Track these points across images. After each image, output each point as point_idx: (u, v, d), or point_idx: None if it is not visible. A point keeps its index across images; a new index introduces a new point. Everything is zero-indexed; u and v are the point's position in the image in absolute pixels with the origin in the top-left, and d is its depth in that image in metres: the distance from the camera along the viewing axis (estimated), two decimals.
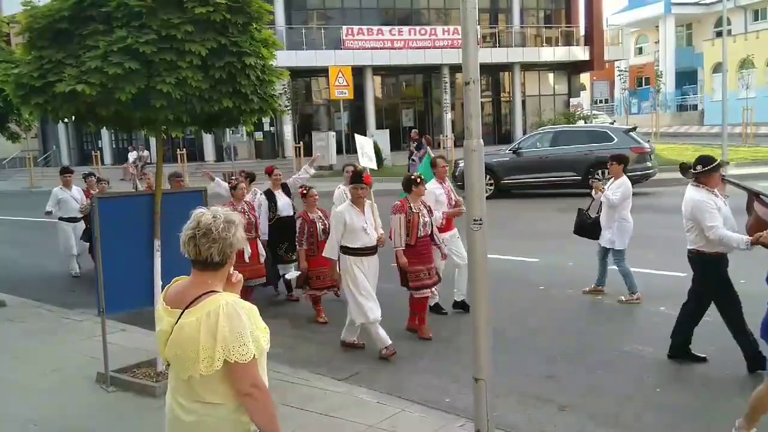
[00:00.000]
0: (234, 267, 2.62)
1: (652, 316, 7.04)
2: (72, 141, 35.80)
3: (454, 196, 7.45)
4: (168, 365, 2.63)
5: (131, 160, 29.05)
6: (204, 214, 2.49)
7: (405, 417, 4.84)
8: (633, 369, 5.73)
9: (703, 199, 5.32)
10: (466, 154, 3.75)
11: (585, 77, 39.87)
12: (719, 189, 5.47)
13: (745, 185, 5.32)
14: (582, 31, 34.77)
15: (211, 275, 2.50)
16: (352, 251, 6.26)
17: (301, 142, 25.71)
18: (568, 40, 34.58)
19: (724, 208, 5.38)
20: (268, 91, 5.56)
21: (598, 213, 7.87)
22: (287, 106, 24.38)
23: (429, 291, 6.72)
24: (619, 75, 39.69)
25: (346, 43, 29.10)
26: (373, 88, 30.95)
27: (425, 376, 5.80)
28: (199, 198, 5.75)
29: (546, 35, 34.90)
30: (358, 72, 27.87)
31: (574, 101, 35.06)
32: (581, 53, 33.96)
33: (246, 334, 2.39)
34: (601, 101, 42.57)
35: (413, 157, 20.14)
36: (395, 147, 28.91)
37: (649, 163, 16.50)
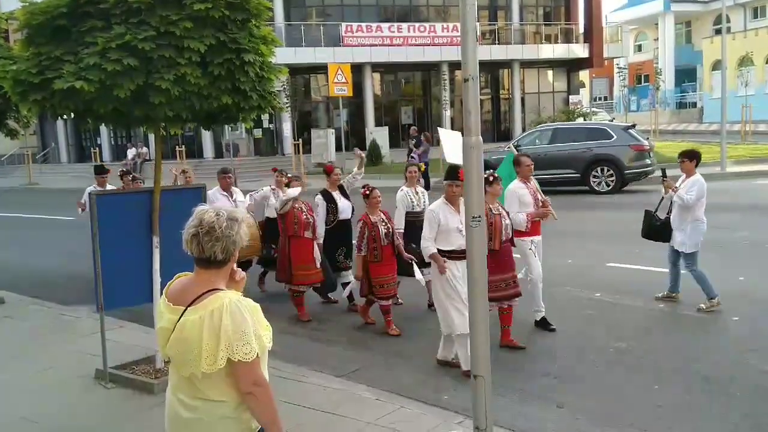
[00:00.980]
0: (291, 269, 2.60)
1: (653, 312, 7.05)
2: (70, 138, 35.76)
3: (541, 196, 6.78)
4: (168, 362, 2.63)
5: (130, 157, 29.03)
6: (206, 212, 2.47)
7: (404, 414, 4.84)
8: (633, 367, 5.73)
9: None
10: (465, 151, 3.74)
11: (584, 74, 39.90)
12: None
13: None
14: (581, 29, 34.77)
15: (214, 273, 2.50)
16: (446, 254, 5.73)
17: (300, 139, 25.70)
18: (568, 37, 34.58)
19: None
20: (267, 88, 5.54)
21: (668, 214, 7.39)
22: (286, 103, 24.36)
23: (510, 302, 6.23)
24: (619, 72, 39.64)
25: (345, 40, 29.07)
26: (372, 85, 30.93)
27: (424, 373, 5.81)
28: (198, 195, 5.74)
29: (545, 32, 34.88)
30: (357, 69, 27.84)
31: (573, 98, 35.03)
32: (580, 50, 33.96)
33: (249, 332, 2.39)
34: (600, 98, 42.54)
35: (413, 154, 20.12)
36: (394, 144, 28.91)
37: (648, 161, 16.51)
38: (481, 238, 3.82)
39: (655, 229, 7.47)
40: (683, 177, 7.29)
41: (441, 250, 5.72)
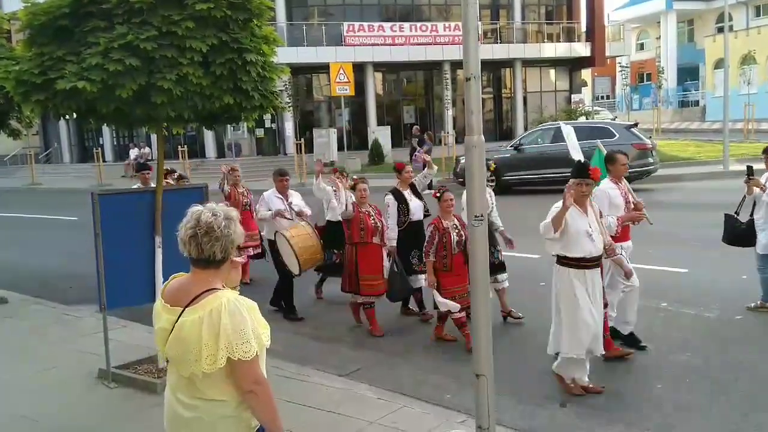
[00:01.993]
0: (358, 279, 2.59)
1: (657, 312, 7.04)
2: (73, 138, 35.81)
3: (633, 198, 6.07)
4: (167, 362, 2.64)
5: (132, 157, 29.03)
6: (203, 212, 2.47)
7: (406, 413, 4.84)
8: (633, 366, 5.72)
9: None
10: (467, 150, 3.74)
11: (586, 73, 39.77)
12: None
13: None
14: (583, 27, 34.73)
15: (212, 273, 2.50)
16: (572, 262, 5.05)
17: (302, 139, 25.72)
18: (570, 36, 34.54)
19: None
20: (269, 88, 5.55)
21: (751, 216, 6.85)
22: (288, 103, 24.35)
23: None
24: (621, 71, 39.55)
25: (347, 39, 29.06)
26: (374, 84, 30.91)
27: (426, 373, 5.80)
28: (199, 195, 5.75)
29: (547, 31, 34.84)
30: (359, 68, 27.85)
31: (575, 97, 34.97)
32: (583, 49, 33.92)
33: (248, 331, 2.40)
34: (602, 97, 42.48)
35: (417, 153, 20.05)
36: (396, 143, 28.90)
37: (650, 159, 16.49)
38: (483, 237, 3.82)
39: (740, 233, 6.88)
40: (767, 174, 6.68)
41: (567, 258, 5.08)
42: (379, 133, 28.12)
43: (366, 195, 6.90)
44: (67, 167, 33.72)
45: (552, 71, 35.71)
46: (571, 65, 35.17)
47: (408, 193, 7.32)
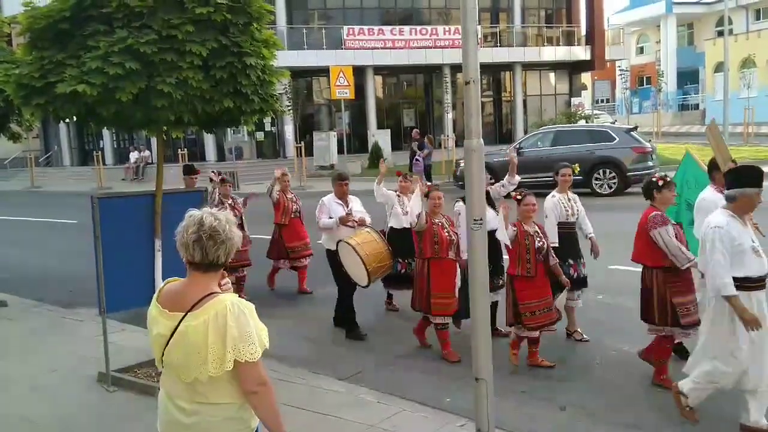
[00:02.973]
0: (429, 297, 2.54)
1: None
2: (73, 141, 35.78)
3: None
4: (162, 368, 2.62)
5: (132, 160, 29.04)
6: (205, 216, 2.48)
7: (406, 417, 4.84)
8: (636, 369, 5.72)
9: None
10: (467, 153, 3.75)
11: (586, 77, 39.83)
12: None
13: None
14: (583, 31, 34.77)
15: (211, 276, 2.51)
16: (737, 282, 4.20)
17: (302, 142, 25.72)
18: (570, 39, 34.56)
19: None
20: (269, 92, 5.56)
21: None
22: (288, 106, 24.37)
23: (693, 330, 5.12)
24: (621, 74, 39.65)
25: (347, 42, 29.11)
26: (374, 87, 30.96)
27: (426, 376, 5.80)
28: (198, 198, 5.76)
29: (547, 35, 34.89)
30: (359, 72, 27.87)
31: (575, 101, 35.03)
32: (582, 53, 33.95)
33: (253, 333, 2.41)
34: (602, 101, 42.55)
35: (417, 157, 20.04)
36: (396, 147, 28.90)
37: (650, 163, 16.49)
38: (482, 240, 3.82)
39: None
40: None
41: (733, 278, 4.22)
42: (379, 137, 28.12)
43: (440, 204, 6.23)
44: (67, 170, 33.70)
45: (552, 75, 35.74)
46: (571, 69, 35.20)
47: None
